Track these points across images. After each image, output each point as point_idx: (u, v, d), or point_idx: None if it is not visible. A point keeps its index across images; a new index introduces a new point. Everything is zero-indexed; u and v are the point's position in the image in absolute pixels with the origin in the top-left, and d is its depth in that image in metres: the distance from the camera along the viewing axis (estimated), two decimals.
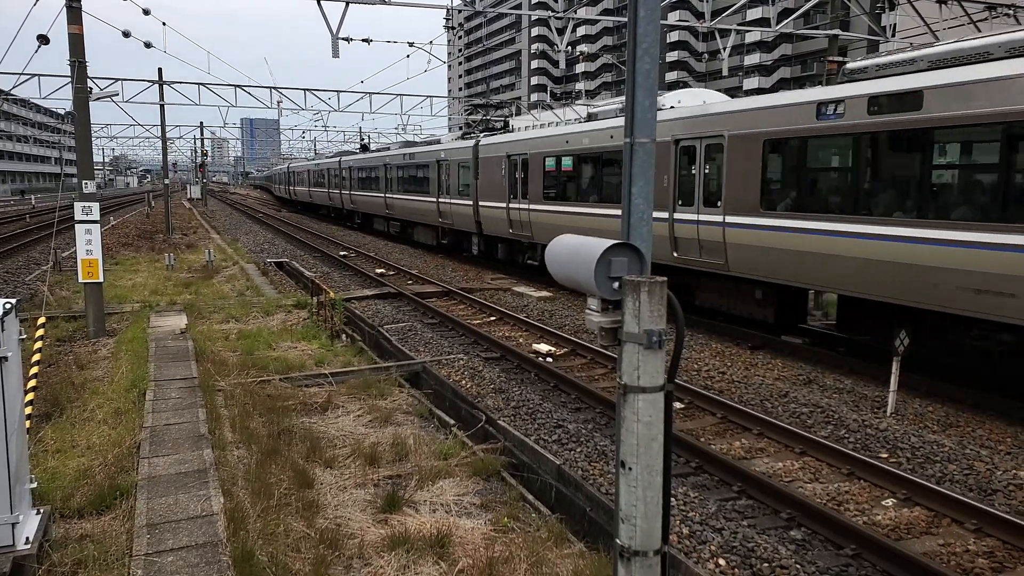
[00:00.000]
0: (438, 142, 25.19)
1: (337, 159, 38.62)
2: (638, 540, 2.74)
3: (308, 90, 29.56)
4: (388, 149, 31.43)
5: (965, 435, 7.70)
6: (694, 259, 11.87)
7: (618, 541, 2.80)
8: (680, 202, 12.01)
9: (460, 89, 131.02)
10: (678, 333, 2.90)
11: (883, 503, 6.16)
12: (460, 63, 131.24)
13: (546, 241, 19.32)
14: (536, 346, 11.38)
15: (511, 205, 18.36)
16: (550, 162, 16.62)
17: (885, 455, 7.19)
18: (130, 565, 4.46)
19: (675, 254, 12.10)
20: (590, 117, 16.52)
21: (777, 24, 17.50)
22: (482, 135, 22.53)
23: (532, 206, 17.36)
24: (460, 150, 21.69)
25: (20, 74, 22.17)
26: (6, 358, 4.37)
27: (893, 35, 20.03)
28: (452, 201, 22.21)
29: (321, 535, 5.04)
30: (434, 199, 23.67)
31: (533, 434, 7.77)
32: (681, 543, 5.53)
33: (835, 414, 8.35)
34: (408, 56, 24.58)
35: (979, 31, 17.26)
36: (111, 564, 4.53)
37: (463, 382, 9.69)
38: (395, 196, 27.67)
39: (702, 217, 11.60)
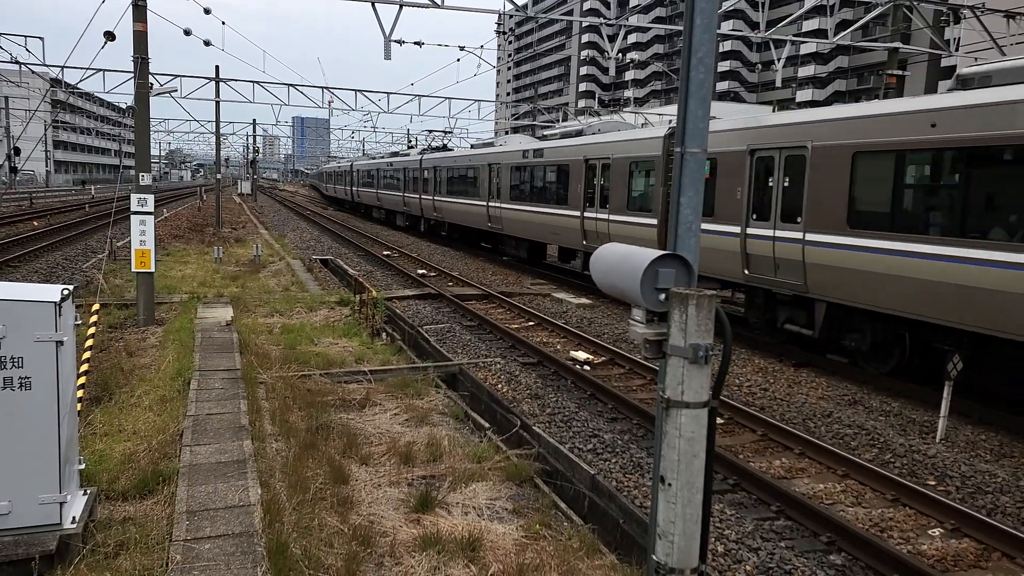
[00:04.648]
0: (407, 155, 36.70)
1: (350, 164, 51.07)
2: (675, 557, 2.68)
3: (359, 91, 30.10)
4: (384, 158, 43.45)
5: (1020, 466, 7.37)
6: None
7: (654, 557, 2.75)
8: None
9: (508, 94, 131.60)
10: (725, 349, 2.83)
11: (929, 532, 5.94)
12: (509, 68, 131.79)
13: (450, 219, 29.00)
14: (574, 353, 11.32)
15: (435, 198, 28.96)
16: (449, 172, 27.58)
17: (933, 482, 6.93)
18: (169, 549, 4.57)
19: None
20: (472, 146, 29.39)
21: (835, 36, 17.06)
22: (425, 153, 33.10)
23: (442, 198, 28.24)
24: (414, 160, 32.35)
25: (87, 69, 23.05)
26: (62, 342, 4.51)
27: (957, 49, 19.32)
28: (410, 195, 32.76)
29: (354, 531, 5.08)
30: (401, 194, 34.48)
31: (568, 442, 7.72)
32: (715, 561, 5.41)
33: (881, 437, 8.08)
34: (459, 60, 25.10)
35: None
36: (152, 547, 4.64)
37: (499, 386, 9.69)
38: (382, 191, 38.99)
39: None
